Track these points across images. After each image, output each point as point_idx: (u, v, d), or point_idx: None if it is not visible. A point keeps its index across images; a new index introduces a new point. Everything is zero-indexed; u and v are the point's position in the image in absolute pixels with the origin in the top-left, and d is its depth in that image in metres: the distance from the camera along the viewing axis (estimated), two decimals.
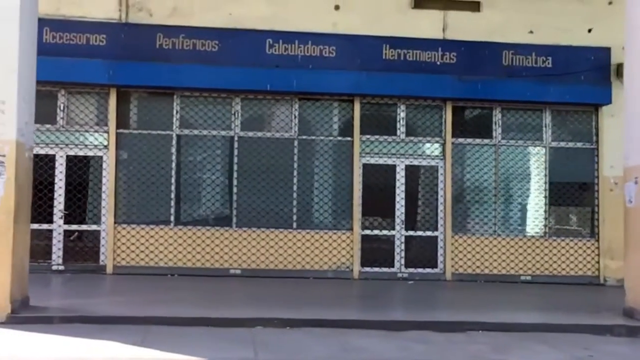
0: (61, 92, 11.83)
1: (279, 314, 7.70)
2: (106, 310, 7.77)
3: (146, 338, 6.56)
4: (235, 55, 11.85)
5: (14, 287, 7.33)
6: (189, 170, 12.14)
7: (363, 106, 12.31)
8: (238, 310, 8.06)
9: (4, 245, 7.26)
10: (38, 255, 11.06)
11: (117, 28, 11.83)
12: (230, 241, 11.87)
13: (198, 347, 6.32)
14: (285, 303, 8.97)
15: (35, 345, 6.27)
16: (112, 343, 6.33)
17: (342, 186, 12.26)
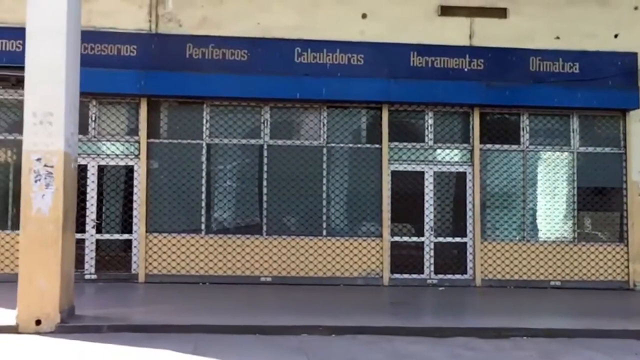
0: (92, 102, 11.95)
1: (322, 322, 7.74)
2: (152, 318, 7.83)
3: (198, 347, 6.61)
4: (265, 64, 11.95)
5: (62, 296, 7.41)
6: (219, 178, 12.22)
7: (391, 113, 12.37)
8: (281, 318, 8.11)
9: (53, 255, 7.35)
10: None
11: (147, 39, 11.94)
12: (261, 249, 11.93)
13: (253, 356, 6.37)
14: (325, 310, 9.01)
15: (90, 355, 6.33)
16: (166, 352, 6.39)
17: (371, 193, 12.31)
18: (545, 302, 10.71)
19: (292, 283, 11.74)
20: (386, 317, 8.84)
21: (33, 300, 7.24)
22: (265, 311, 8.80)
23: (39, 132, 7.40)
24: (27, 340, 6.84)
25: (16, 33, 11.66)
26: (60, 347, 6.60)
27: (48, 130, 7.40)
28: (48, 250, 7.33)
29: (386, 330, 7.53)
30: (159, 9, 12.04)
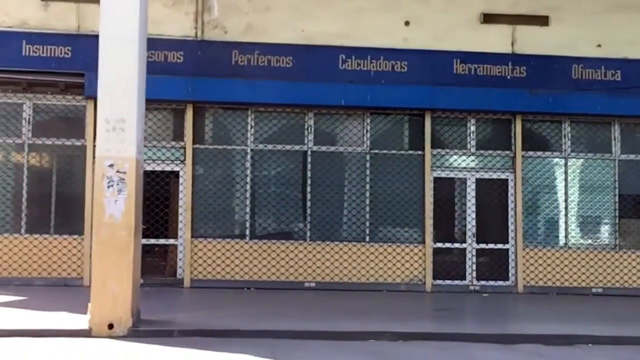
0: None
1: (388, 327, 7.80)
2: (221, 323, 7.89)
3: (276, 352, 6.67)
4: (309, 71, 12.02)
5: (133, 301, 7.48)
6: (264, 184, 12.29)
7: (434, 120, 12.44)
8: (346, 324, 8.16)
9: (126, 261, 7.42)
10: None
11: (193, 45, 12.04)
12: (305, 254, 11.99)
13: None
14: (382, 316, 9.07)
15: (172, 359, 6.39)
16: (246, 356, 6.44)
17: (414, 200, 12.36)
18: (594, 309, 10.75)
19: (335, 289, 11.80)
20: (445, 322, 8.87)
21: (106, 304, 7.31)
22: (326, 317, 8.84)
23: (112, 139, 7.49)
24: (102, 344, 6.89)
25: (65, 39, 11.90)
26: (137, 351, 6.65)
27: (120, 136, 7.49)
28: (120, 255, 7.40)
29: (454, 337, 7.58)
30: (205, 16, 12.15)
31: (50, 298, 9.98)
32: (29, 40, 11.71)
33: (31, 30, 11.79)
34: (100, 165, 7.50)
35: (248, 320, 8.20)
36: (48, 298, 9.95)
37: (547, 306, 10.92)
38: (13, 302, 9.32)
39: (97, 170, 7.56)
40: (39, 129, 11.97)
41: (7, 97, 11.98)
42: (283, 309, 9.47)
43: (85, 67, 11.46)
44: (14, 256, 11.58)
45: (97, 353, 6.54)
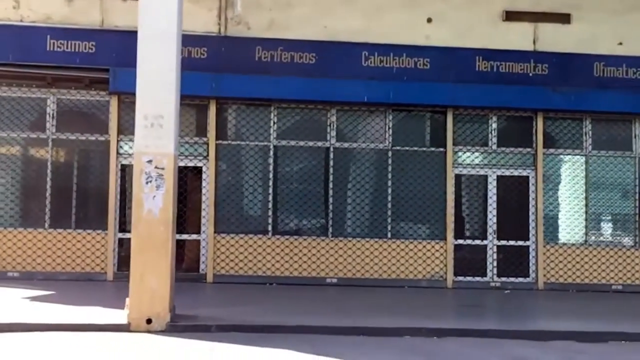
0: None
1: (421, 324, 7.86)
2: (256, 319, 7.94)
3: (316, 347, 6.71)
4: (332, 68, 12.04)
5: (171, 296, 7.53)
6: (286, 180, 12.32)
7: (455, 117, 12.47)
8: (379, 320, 8.21)
9: (164, 256, 7.47)
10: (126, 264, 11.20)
11: (216, 41, 12.05)
12: (327, 250, 12.04)
13: (375, 357, 6.47)
14: (411, 312, 9.14)
15: (215, 354, 6.43)
16: (288, 352, 6.49)
17: (435, 196, 12.38)
18: (618, 306, 10.81)
19: (357, 285, 11.84)
20: (475, 319, 8.93)
21: (144, 299, 7.36)
22: (356, 313, 8.91)
23: (150, 135, 7.53)
24: (143, 339, 6.94)
25: (89, 35, 11.87)
26: (181, 346, 6.70)
27: (158, 132, 7.52)
28: (158, 250, 7.45)
29: (488, 334, 7.63)
30: (228, 12, 12.16)
31: (78, 292, 10.02)
32: (54, 36, 11.73)
33: (55, 25, 11.80)
34: (139, 161, 7.54)
35: (282, 315, 8.27)
36: (76, 293, 10.00)
37: (571, 303, 10.98)
38: (42, 297, 9.36)
39: (135, 165, 7.60)
40: (62, 124, 12.00)
41: (32, 92, 11.99)
42: (312, 304, 9.53)
43: (110, 62, 11.56)
44: (37, 250, 11.63)
45: (143, 348, 6.57)
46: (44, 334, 6.99)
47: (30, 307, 8.41)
